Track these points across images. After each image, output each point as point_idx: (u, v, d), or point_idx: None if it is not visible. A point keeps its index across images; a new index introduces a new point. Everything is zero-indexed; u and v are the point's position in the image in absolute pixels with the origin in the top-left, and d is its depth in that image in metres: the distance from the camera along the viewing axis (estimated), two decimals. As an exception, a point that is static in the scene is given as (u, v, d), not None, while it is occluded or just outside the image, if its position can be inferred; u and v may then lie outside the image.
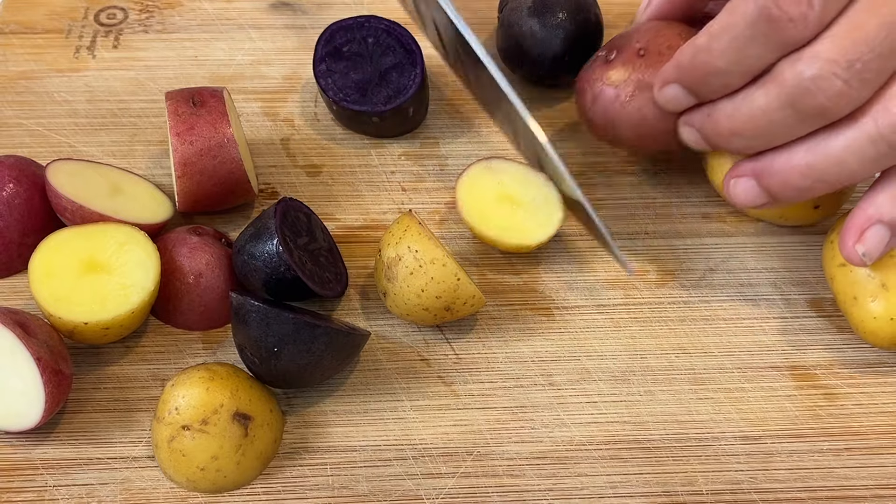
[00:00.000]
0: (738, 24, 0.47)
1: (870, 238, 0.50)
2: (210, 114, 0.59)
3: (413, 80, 0.63)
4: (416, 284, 0.53)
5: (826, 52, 0.46)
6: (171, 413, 0.50)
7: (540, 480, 0.53)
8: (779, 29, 0.46)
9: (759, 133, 0.50)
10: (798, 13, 0.45)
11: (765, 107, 0.48)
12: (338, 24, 0.64)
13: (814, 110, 0.47)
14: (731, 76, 0.49)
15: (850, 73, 0.45)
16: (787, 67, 0.47)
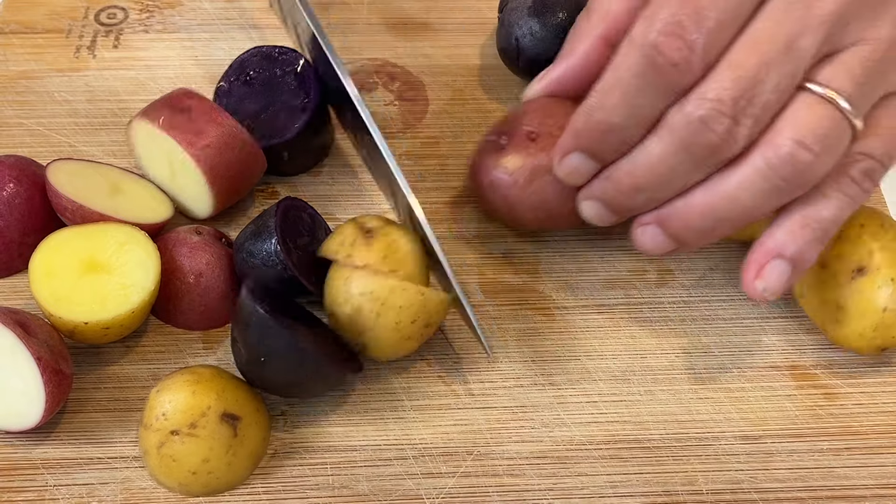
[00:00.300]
0: (625, 77, 0.47)
1: (769, 273, 0.50)
2: (204, 111, 0.59)
3: (294, 126, 0.61)
4: (389, 321, 0.52)
5: (711, 92, 0.46)
6: (158, 419, 0.50)
7: (540, 480, 0.53)
8: (665, 75, 0.46)
9: (661, 183, 0.49)
10: (681, 58, 0.46)
11: (661, 154, 0.48)
12: (257, 50, 0.64)
13: (707, 150, 0.47)
14: (627, 130, 0.49)
15: (736, 111, 0.46)
16: (675, 112, 0.47)
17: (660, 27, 0.46)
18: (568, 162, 0.52)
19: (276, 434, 0.54)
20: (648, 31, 0.46)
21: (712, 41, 0.46)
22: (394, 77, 0.70)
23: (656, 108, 0.48)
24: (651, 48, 0.46)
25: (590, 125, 0.50)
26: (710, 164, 0.48)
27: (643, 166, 0.49)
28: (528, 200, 0.56)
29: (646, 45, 0.46)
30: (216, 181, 0.58)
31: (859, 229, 0.55)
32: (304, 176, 0.65)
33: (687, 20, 0.45)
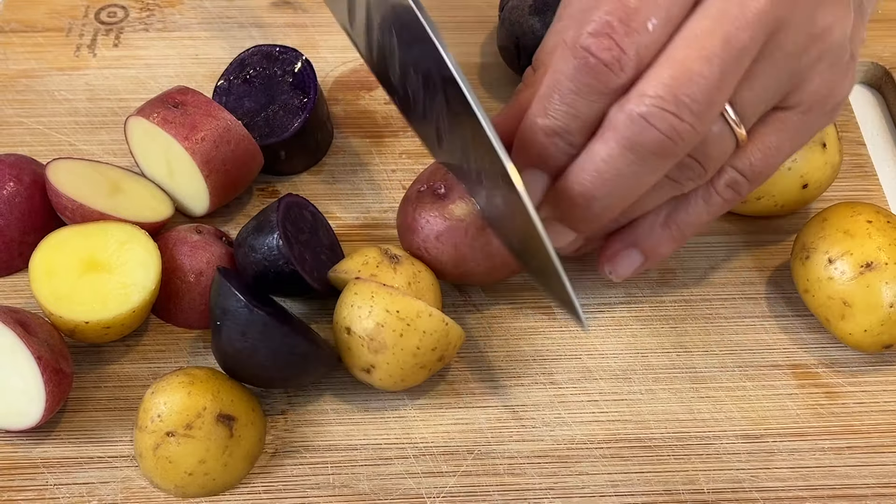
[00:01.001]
0: (561, 81, 0.47)
1: (621, 260, 0.55)
2: (199, 106, 0.59)
3: (292, 125, 0.62)
4: (411, 344, 0.51)
5: (651, 89, 0.45)
6: (153, 421, 0.50)
7: (541, 479, 0.53)
8: (598, 76, 0.46)
9: (611, 188, 0.48)
10: (611, 58, 0.45)
11: (606, 156, 0.47)
12: (258, 48, 0.64)
13: (654, 148, 0.46)
14: (571, 135, 0.48)
15: (679, 107, 0.45)
16: (616, 111, 0.47)
17: (591, 29, 0.46)
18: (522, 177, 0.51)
19: (276, 433, 0.54)
20: (579, 34, 0.46)
21: (644, 41, 0.46)
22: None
23: (594, 109, 0.47)
24: (582, 50, 0.46)
25: (534, 131, 0.49)
26: (659, 164, 0.48)
27: (591, 171, 0.48)
28: (482, 249, 0.55)
29: (577, 46, 0.46)
30: (212, 174, 0.58)
31: (867, 226, 0.55)
32: (303, 175, 0.65)
33: (616, 21, 0.45)
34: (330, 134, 0.66)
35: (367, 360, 0.52)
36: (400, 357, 0.51)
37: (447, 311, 0.58)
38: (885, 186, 0.65)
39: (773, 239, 0.62)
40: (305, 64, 0.63)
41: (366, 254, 0.55)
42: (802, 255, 0.56)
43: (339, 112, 0.68)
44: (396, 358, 0.51)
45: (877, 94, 0.73)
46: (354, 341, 0.52)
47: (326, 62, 0.71)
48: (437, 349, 0.52)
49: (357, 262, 0.54)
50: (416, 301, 0.52)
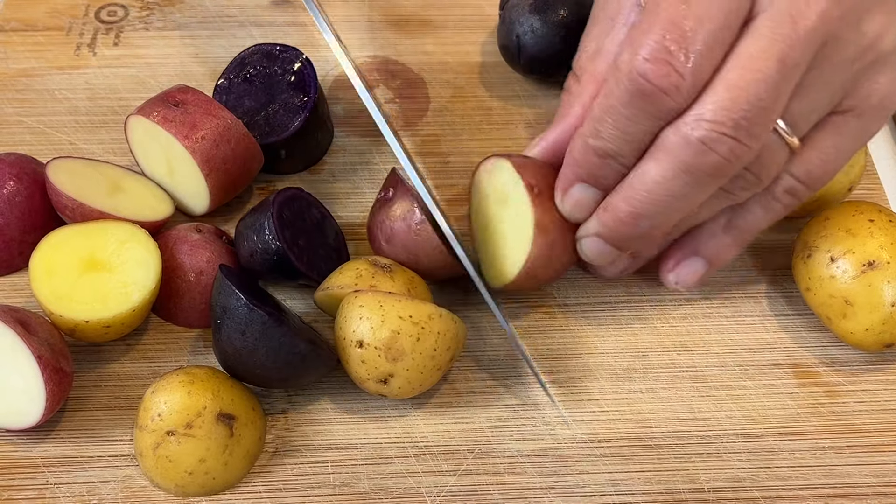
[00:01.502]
0: (615, 106, 0.47)
1: (684, 268, 0.55)
2: (199, 105, 0.59)
3: (292, 124, 0.62)
4: (428, 347, 0.51)
5: (709, 113, 0.46)
6: (153, 420, 0.50)
7: (541, 478, 0.53)
8: (655, 102, 0.46)
9: (661, 208, 0.49)
10: (669, 84, 0.45)
11: (659, 177, 0.48)
12: (258, 47, 0.64)
13: (710, 170, 0.47)
14: (623, 157, 0.49)
15: (737, 130, 0.45)
16: (671, 133, 0.47)
17: (646, 54, 0.45)
18: (571, 194, 0.52)
19: (276, 432, 0.54)
20: (634, 59, 0.46)
21: (700, 65, 0.45)
22: (394, 74, 0.70)
23: (649, 132, 0.48)
24: (639, 76, 0.46)
25: (587, 152, 0.50)
26: (711, 185, 0.48)
27: (641, 192, 0.49)
28: (427, 242, 0.55)
29: (633, 72, 0.46)
30: (212, 173, 0.58)
31: (869, 225, 0.55)
32: (304, 174, 0.65)
33: (673, 45, 0.45)
34: (330, 133, 0.66)
35: (385, 370, 0.51)
36: (419, 361, 0.51)
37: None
38: (885, 185, 0.65)
39: (773, 238, 0.62)
40: (305, 63, 0.63)
41: (356, 267, 0.54)
42: (804, 253, 0.56)
43: (340, 111, 0.68)
44: (416, 363, 0.51)
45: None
46: (369, 353, 0.51)
47: (326, 61, 0.71)
48: (451, 348, 0.52)
49: (349, 275, 0.54)
50: (425, 303, 0.51)
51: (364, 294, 0.52)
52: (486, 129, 0.67)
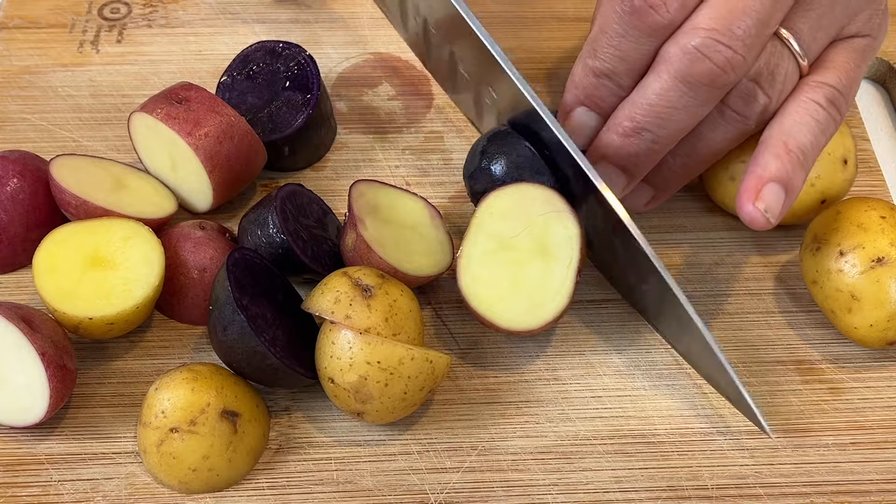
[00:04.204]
0: (609, 24, 0.51)
1: (766, 195, 0.51)
2: (202, 102, 0.59)
3: (295, 121, 0.62)
4: (397, 391, 0.50)
5: (705, 22, 0.49)
6: (157, 417, 0.50)
7: (545, 475, 0.53)
8: (644, 18, 0.49)
9: (662, 120, 0.51)
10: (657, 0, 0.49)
11: (659, 90, 0.50)
12: (261, 44, 0.64)
13: (705, 79, 0.49)
14: (619, 76, 0.52)
15: (732, 39, 0.48)
16: (670, 45, 0.50)
17: None
18: (573, 118, 0.54)
19: (280, 429, 0.54)
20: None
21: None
22: (398, 71, 0.70)
23: (641, 51, 0.51)
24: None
25: (585, 75, 0.52)
26: (711, 96, 0.50)
27: (642, 104, 0.51)
28: None
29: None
30: (215, 170, 0.58)
31: (881, 221, 0.55)
32: (306, 171, 0.65)
33: None
34: (333, 130, 0.66)
35: (355, 408, 0.51)
36: (388, 403, 0.50)
37: (448, 308, 0.58)
38: (889, 182, 0.65)
39: (777, 235, 0.62)
40: (308, 60, 0.63)
41: (336, 288, 0.51)
42: (813, 246, 0.56)
43: (343, 108, 0.68)
44: (384, 405, 0.51)
45: (881, 89, 0.73)
46: (340, 391, 0.50)
47: (330, 58, 0.71)
48: (424, 388, 0.51)
49: (329, 299, 0.51)
50: (397, 346, 0.50)
51: (336, 330, 0.50)
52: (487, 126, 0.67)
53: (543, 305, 0.53)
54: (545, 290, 0.53)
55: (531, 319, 0.53)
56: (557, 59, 0.71)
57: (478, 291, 0.54)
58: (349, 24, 0.73)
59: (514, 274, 0.53)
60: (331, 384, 0.51)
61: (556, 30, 0.73)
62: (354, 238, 0.55)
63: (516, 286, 0.53)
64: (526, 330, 0.53)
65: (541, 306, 0.53)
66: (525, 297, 0.53)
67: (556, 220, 0.54)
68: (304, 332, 0.53)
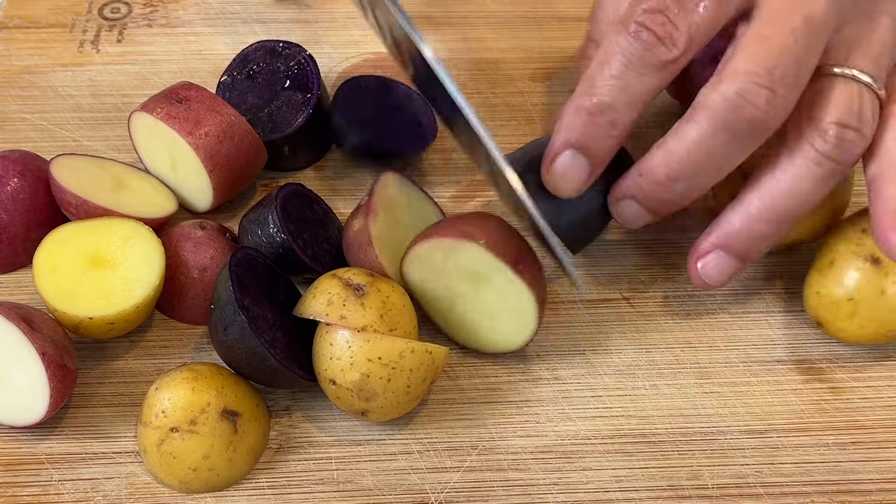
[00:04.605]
0: (612, 56, 0.49)
1: None
2: (202, 101, 0.59)
3: (295, 121, 0.62)
4: (400, 385, 0.50)
5: (743, 66, 0.47)
6: (157, 416, 0.50)
7: (545, 474, 0.53)
8: (650, 49, 0.48)
9: (699, 168, 0.49)
10: (664, 32, 0.48)
11: (698, 138, 0.48)
12: (261, 44, 0.64)
13: (747, 125, 0.48)
14: (618, 111, 0.49)
15: (772, 81, 0.47)
16: (709, 92, 0.48)
17: (645, 6, 0.48)
18: (560, 162, 0.51)
19: (280, 429, 0.54)
20: (633, 13, 0.48)
21: (695, 20, 0.48)
22: (398, 71, 0.70)
23: (644, 85, 0.49)
24: (636, 24, 0.48)
25: (579, 115, 0.50)
26: (751, 141, 0.49)
27: (679, 153, 0.49)
28: (368, 264, 0.55)
29: (628, 23, 0.48)
30: (215, 170, 0.58)
31: None
32: (307, 170, 0.65)
33: (671, 2, 0.48)
34: None
35: (359, 407, 0.51)
36: (392, 399, 0.51)
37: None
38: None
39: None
40: (308, 59, 0.63)
41: (328, 290, 0.51)
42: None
43: (343, 108, 0.68)
44: (389, 401, 0.51)
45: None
46: (342, 391, 0.50)
47: (330, 58, 0.71)
48: (426, 379, 0.51)
49: (321, 302, 0.51)
50: (396, 340, 0.50)
51: (333, 331, 0.50)
52: (489, 125, 0.67)
53: (520, 311, 0.53)
54: (508, 301, 0.53)
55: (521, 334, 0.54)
56: (557, 59, 0.71)
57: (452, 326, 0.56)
58: (349, 24, 0.73)
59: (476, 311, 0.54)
60: (332, 386, 0.51)
61: (556, 30, 0.73)
62: (361, 226, 0.55)
63: (487, 316, 0.54)
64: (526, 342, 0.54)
65: (519, 312, 0.53)
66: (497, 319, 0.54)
67: (458, 254, 0.53)
68: (306, 333, 0.53)
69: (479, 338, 0.55)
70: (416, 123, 0.63)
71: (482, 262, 0.53)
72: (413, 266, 0.55)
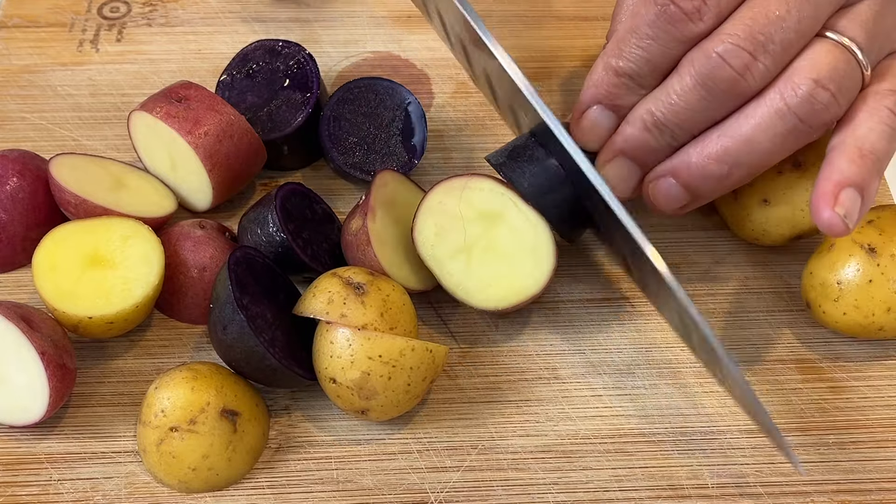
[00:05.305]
0: (640, 26, 0.50)
1: (844, 200, 0.49)
2: (202, 100, 0.59)
3: (294, 120, 0.61)
4: (401, 384, 0.50)
5: (731, 29, 0.49)
6: (157, 416, 0.50)
7: (545, 474, 0.53)
8: (677, 24, 0.50)
9: (680, 120, 0.51)
10: (692, 7, 0.49)
11: (680, 91, 0.50)
12: (260, 43, 0.64)
13: (725, 84, 0.49)
14: (642, 77, 0.52)
15: (755, 46, 0.48)
16: (695, 50, 0.50)
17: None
18: (587, 116, 0.53)
19: (279, 428, 0.54)
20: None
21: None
22: (398, 70, 0.70)
23: (668, 56, 0.51)
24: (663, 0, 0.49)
25: (607, 73, 0.52)
26: (728, 101, 0.50)
27: (663, 102, 0.51)
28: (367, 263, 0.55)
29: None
30: (215, 169, 0.58)
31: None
32: (306, 170, 0.65)
33: None
34: None
35: (359, 405, 0.51)
36: (392, 397, 0.51)
37: (448, 307, 0.58)
38: (890, 180, 0.65)
39: (777, 233, 0.62)
40: (308, 59, 0.63)
41: (328, 289, 0.51)
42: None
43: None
44: (389, 399, 0.51)
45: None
46: (343, 390, 0.50)
47: (329, 57, 0.70)
48: (426, 378, 0.52)
49: (321, 301, 0.51)
50: (396, 339, 0.50)
51: (333, 329, 0.50)
52: (489, 124, 0.67)
53: (536, 250, 0.54)
54: (525, 241, 0.54)
55: (539, 272, 0.54)
56: (557, 58, 0.71)
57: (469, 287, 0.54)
58: (349, 23, 0.73)
59: (492, 257, 0.54)
60: (332, 384, 0.50)
61: (556, 29, 0.73)
62: (360, 226, 0.55)
63: (505, 260, 0.54)
64: (545, 282, 0.54)
65: (534, 251, 0.54)
66: (515, 260, 0.54)
67: (470, 193, 0.55)
68: (305, 332, 0.53)
69: (498, 288, 0.54)
70: (408, 136, 0.62)
71: (494, 197, 0.54)
72: (426, 222, 0.55)
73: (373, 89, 0.63)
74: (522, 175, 0.54)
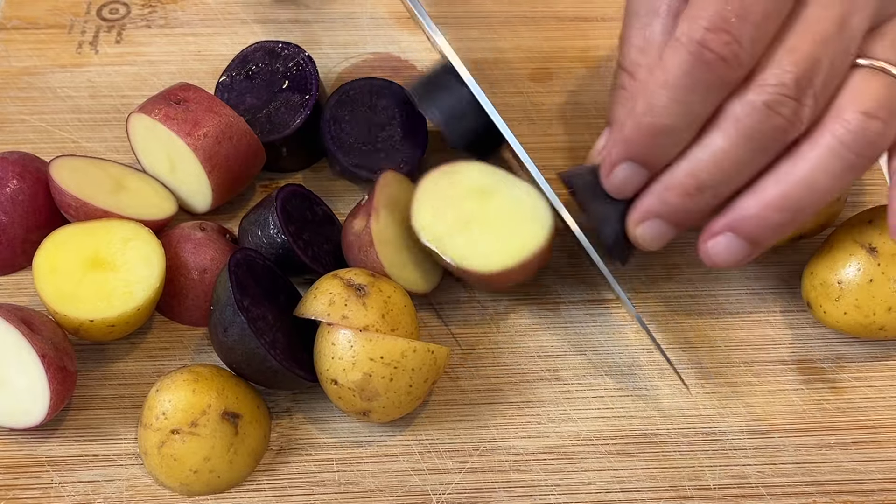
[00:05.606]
0: (673, 77, 0.47)
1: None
2: (201, 102, 0.58)
3: (294, 122, 0.61)
4: (402, 385, 0.50)
5: (772, 77, 0.47)
6: (158, 418, 0.50)
7: (546, 475, 0.53)
8: (714, 71, 0.46)
9: (726, 177, 0.49)
10: (729, 52, 0.46)
11: (727, 147, 0.48)
12: (260, 45, 0.64)
13: (774, 134, 0.47)
14: (679, 131, 0.49)
15: (799, 91, 0.47)
16: (736, 103, 0.47)
17: (706, 24, 0.46)
18: (618, 173, 0.51)
19: (281, 430, 0.54)
20: (694, 29, 0.46)
21: (759, 34, 0.46)
22: (398, 71, 0.70)
23: (707, 105, 0.48)
24: (698, 45, 0.46)
25: (640, 130, 0.49)
26: (776, 148, 0.48)
27: (706, 163, 0.49)
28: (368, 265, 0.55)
29: (693, 42, 0.46)
30: (214, 171, 0.58)
31: None
32: (306, 172, 0.65)
33: (732, 15, 0.46)
34: None
35: (361, 406, 0.51)
36: (394, 398, 0.51)
37: (449, 308, 0.58)
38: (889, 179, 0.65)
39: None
40: (307, 60, 0.63)
41: (329, 291, 0.51)
42: None
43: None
44: (391, 400, 0.51)
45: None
46: (344, 391, 0.50)
47: (329, 58, 0.70)
48: (428, 379, 0.52)
49: (322, 302, 0.51)
50: (398, 340, 0.50)
51: (335, 331, 0.50)
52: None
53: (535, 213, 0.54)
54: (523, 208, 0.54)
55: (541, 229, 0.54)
56: (557, 59, 0.71)
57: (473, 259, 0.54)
58: (348, 25, 0.73)
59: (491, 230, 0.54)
60: (334, 386, 0.50)
61: (556, 29, 0.73)
62: (363, 227, 0.55)
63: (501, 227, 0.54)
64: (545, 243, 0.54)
65: (533, 214, 0.54)
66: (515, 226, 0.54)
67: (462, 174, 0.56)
68: (306, 334, 0.53)
69: (504, 253, 0.53)
70: (410, 135, 0.62)
71: (484, 175, 0.55)
72: (423, 205, 0.55)
73: (370, 89, 0.63)
74: (435, 103, 0.57)
